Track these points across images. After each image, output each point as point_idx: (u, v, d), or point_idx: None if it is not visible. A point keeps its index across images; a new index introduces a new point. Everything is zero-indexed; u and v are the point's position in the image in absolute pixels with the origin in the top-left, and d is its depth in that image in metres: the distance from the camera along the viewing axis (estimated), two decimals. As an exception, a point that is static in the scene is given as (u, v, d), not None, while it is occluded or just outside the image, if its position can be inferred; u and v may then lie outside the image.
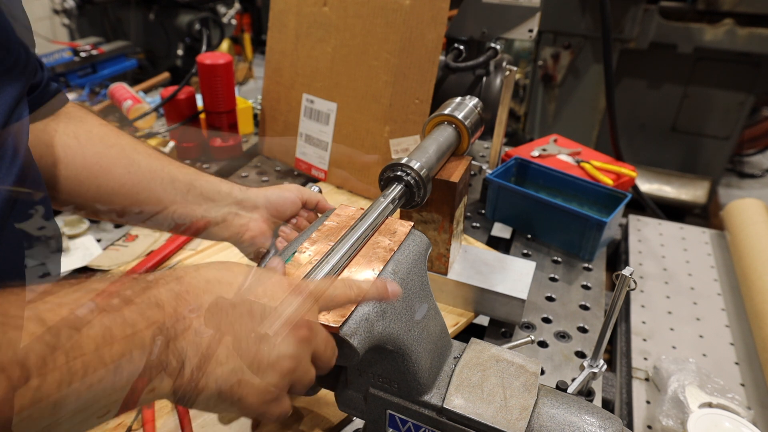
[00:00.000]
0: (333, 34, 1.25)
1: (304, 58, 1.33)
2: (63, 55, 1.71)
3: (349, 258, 0.56)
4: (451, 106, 0.83)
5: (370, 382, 0.57)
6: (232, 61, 1.38)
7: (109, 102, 1.69)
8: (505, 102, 1.19)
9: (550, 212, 1.12)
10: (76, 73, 1.77)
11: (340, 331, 0.48)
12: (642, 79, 2.12)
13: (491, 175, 1.21)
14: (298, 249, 0.59)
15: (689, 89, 2.04)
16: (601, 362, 0.73)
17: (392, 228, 0.62)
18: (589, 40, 1.98)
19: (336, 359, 0.50)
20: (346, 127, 1.29)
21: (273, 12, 1.39)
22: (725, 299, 1.07)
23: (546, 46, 2.07)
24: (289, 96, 1.40)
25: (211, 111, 1.43)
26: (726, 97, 2.00)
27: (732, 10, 1.81)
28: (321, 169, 1.37)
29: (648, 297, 1.07)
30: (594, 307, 0.99)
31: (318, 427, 0.74)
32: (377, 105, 1.21)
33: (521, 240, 1.18)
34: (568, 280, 1.06)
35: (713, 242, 1.26)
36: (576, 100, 2.10)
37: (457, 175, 0.82)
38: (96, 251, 1.08)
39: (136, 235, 1.12)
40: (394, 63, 1.16)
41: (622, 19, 1.87)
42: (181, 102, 1.41)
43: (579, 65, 2.04)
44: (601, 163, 1.30)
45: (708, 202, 2.27)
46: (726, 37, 1.83)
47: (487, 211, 1.25)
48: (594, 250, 1.10)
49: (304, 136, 1.39)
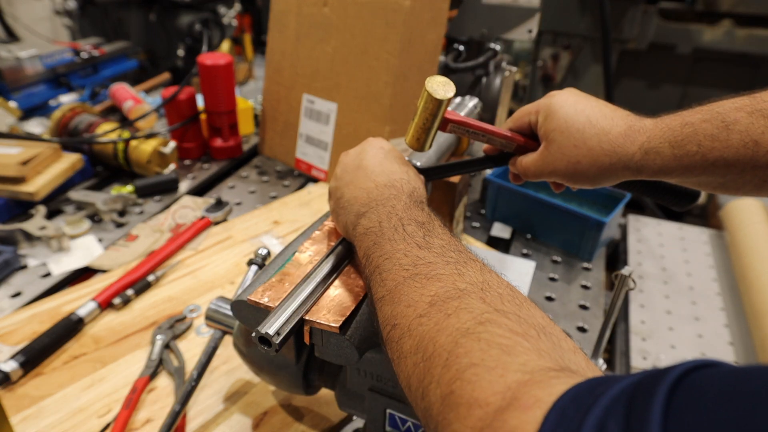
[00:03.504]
0: (333, 34, 1.26)
1: (304, 58, 1.33)
2: (64, 56, 1.71)
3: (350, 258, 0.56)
4: (451, 106, 0.83)
5: (370, 381, 0.57)
6: (232, 61, 1.38)
7: (111, 102, 1.69)
8: (504, 102, 1.19)
9: (549, 212, 1.13)
10: (78, 74, 1.77)
11: (339, 331, 0.49)
12: (641, 79, 2.12)
13: (491, 175, 1.21)
14: (299, 249, 0.59)
15: (688, 90, 2.04)
16: (600, 362, 0.73)
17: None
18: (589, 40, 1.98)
19: (336, 359, 0.50)
20: (346, 127, 1.29)
21: (273, 13, 1.39)
22: (724, 299, 1.08)
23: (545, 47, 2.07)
24: (290, 96, 1.40)
25: (211, 111, 1.43)
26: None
27: (730, 11, 1.82)
28: (321, 169, 1.37)
29: (647, 297, 1.07)
30: (593, 307, 0.99)
31: (318, 426, 0.74)
32: (377, 105, 1.22)
33: (521, 240, 1.19)
34: (568, 279, 1.06)
35: (712, 242, 1.26)
36: (575, 100, 2.11)
37: (457, 175, 0.83)
38: (97, 251, 1.08)
39: (137, 235, 1.12)
40: (394, 63, 1.16)
41: (622, 20, 1.87)
42: (181, 102, 1.41)
43: (578, 66, 2.04)
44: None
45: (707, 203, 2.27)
46: (725, 38, 1.83)
47: (486, 211, 1.26)
48: (593, 249, 1.10)
49: (305, 136, 1.39)
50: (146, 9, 2.02)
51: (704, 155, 0.48)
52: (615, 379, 0.27)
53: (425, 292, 0.40)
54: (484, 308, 0.36)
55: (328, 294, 0.53)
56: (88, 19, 2.15)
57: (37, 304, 0.93)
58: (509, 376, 0.31)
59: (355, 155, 0.58)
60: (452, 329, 0.36)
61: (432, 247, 0.44)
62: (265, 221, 1.20)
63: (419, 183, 0.56)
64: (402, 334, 0.39)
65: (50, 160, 1.22)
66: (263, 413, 0.75)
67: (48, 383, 0.78)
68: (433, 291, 0.40)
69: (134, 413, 0.73)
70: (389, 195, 0.51)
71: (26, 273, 1.01)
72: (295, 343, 0.59)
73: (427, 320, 0.38)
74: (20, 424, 0.72)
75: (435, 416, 0.34)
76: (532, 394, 0.29)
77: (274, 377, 0.65)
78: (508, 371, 0.31)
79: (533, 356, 0.32)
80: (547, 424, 0.27)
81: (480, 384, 0.32)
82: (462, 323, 0.36)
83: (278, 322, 0.46)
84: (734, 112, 0.48)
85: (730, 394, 0.22)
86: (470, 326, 0.35)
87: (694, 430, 0.21)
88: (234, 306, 0.56)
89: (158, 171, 1.35)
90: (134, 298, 0.95)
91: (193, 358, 0.82)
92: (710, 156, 0.48)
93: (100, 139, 1.31)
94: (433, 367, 0.35)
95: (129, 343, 0.86)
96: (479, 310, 0.36)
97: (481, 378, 0.32)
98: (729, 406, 0.21)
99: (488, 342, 0.33)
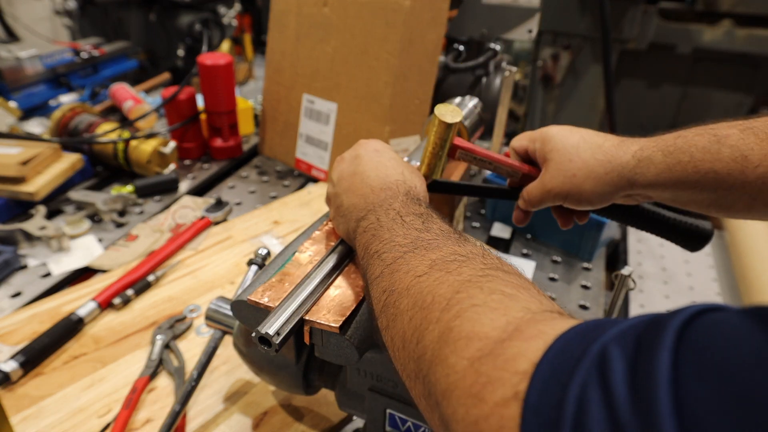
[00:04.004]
0: (333, 34, 1.26)
1: (304, 58, 1.33)
2: (64, 56, 1.71)
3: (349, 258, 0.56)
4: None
5: (370, 381, 0.57)
6: (232, 61, 1.38)
7: (111, 102, 1.69)
8: (504, 102, 1.19)
9: (549, 212, 1.12)
10: (78, 74, 1.78)
11: (339, 331, 0.49)
12: (641, 79, 2.12)
13: (491, 176, 1.21)
14: (299, 249, 0.59)
15: (688, 90, 2.04)
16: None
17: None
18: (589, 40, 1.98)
19: (336, 359, 0.50)
20: (346, 127, 1.29)
21: (273, 13, 1.39)
22: (724, 299, 1.08)
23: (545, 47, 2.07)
24: (290, 96, 1.40)
25: (211, 111, 1.43)
26: (725, 98, 2.00)
27: (730, 11, 1.81)
28: (321, 169, 1.37)
29: (647, 297, 1.07)
30: (593, 307, 0.99)
31: (318, 426, 0.74)
32: (377, 105, 1.22)
33: (521, 240, 1.19)
34: (568, 279, 1.06)
35: (712, 242, 1.26)
36: (575, 100, 2.11)
37: (456, 175, 0.83)
38: (97, 251, 1.08)
39: (137, 235, 1.12)
40: (394, 63, 1.16)
41: (622, 20, 1.87)
42: (181, 102, 1.41)
43: (578, 66, 2.04)
44: (601, 164, 1.30)
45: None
46: (725, 38, 1.83)
47: (486, 211, 1.26)
48: (593, 249, 1.10)
49: (305, 136, 1.39)
50: (146, 9, 2.02)
51: (696, 166, 0.50)
52: (626, 319, 0.27)
53: (424, 260, 0.39)
54: (486, 265, 0.37)
55: (328, 294, 0.53)
56: (88, 19, 2.15)
57: (37, 304, 0.93)
58: (512, 314, 0.31)
59: (350, 160, 0.58)
60: (453, 281, 0.35)
61: (431, 230, 0.44)
62: (265, 221, 1.20)
63: (417, 181, 0.56)
64: (399, 296, 0.39)
65: (50, 160, 1.22)
66: (263, 413, 0.75)
67: (48, 383, 0.78)
68: (433, 257, 0.39)
69: (134, 413, 0.73)
70: (385, 197, 0.51)
71: (26, 273, 1.01)
72: (295, 343, 0.59)
73: (426, 278, 0.37)
74: (20, 424, 0.72)
75: (428, 360, 0.33)
76: (535, 328, 0.29)
77: (274, 377, 0.65)
78: (511, 310, 0.31)
79: (535, 302, 0.32)
80: (550, 352, 0.26)
81: (481, 320, 0.31)
82: (463, 276, 0.35)
83: (278, 322, 0.46)
84: (727, 128, 0.50)
85: (740, 340, 0.21)
86: (472, 277, 0.35)
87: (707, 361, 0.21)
88: (234, 306, 0.56)
89: (158, 171, 1.35)
90: (134, 298, 0.95)
91: (193, 358, 0.82)
92: (701, 167, 0.50)
93: (100, 139, 1.31)
94: (432, 312, 0.34)
95: (129, 343, 0.86)
96: (481, 266, 0.36)
97: (482, 316, 0.31)
98: (741, 351, 0.20)
99: (491, 289, 0.33)
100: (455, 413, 0.29)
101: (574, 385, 0.24)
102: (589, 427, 0.22)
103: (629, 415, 0.21)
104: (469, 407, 0.28)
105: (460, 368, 0.29)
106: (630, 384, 0.22)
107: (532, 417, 0.25)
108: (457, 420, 0.29)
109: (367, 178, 0.54)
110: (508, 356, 0.28)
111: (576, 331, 0.27)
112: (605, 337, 0.25)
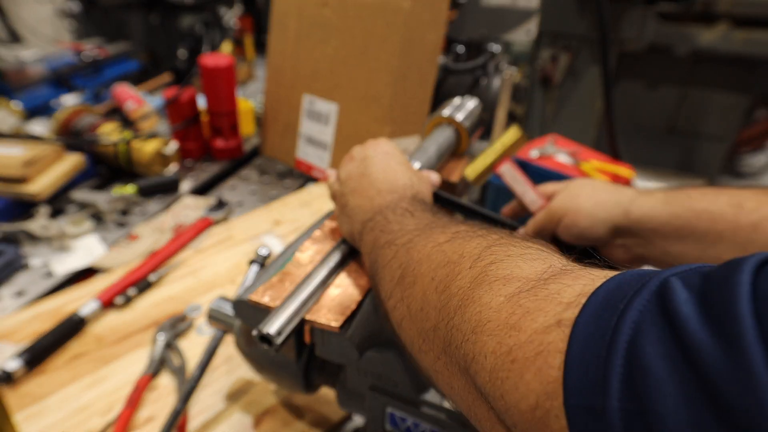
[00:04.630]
0: (333, 35, 1.26)
1: (304, 59, 1.34)
2: (67, 57, 1.72)
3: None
4: (450, 106, 0.84)
5: (371, 380, 0.58)
6: (233, 62, 1.39)
7: (113, 103, 1.70)
8: (503, 103, 1.20)
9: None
10: (80, 75, 1.78)
11: (340, 330, 0.49)
12: (640, 80, 2.12)
13: (494, 178, 1.22)
14: (299, 248, 0.60)
15: (686, 91, 2.05)
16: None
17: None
18: (588, 42, 1.98)
19: (337, 358, 0.51)
20: (346, 127, 1.30)
21: (274, 13, 1.40)
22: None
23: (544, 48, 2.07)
24: (290, 97, 1.41)
25: (212, 112, 1.44)
26: (723, 99, 2.00)
27: (728, 12, 1.82)
28: (321, 169, 1.38)
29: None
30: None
31: (318, 424, 0.75)
32: (377, 106, 1.22)
33: (520, 240, 1.19)
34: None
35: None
36: (574, 101, 2.11)
37: (456, 175, 0.83)
38: (99, 251, 1.09)
39: (138, 234, 1.13)
40: (394, 64, 1.17)
41: (620, 22, 1.88)
42: (183, 103, 1.42)
43: (577, 67, 2.04)
44: (600, 164, 1.31)
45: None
46: (722, 40, 1.84)
47: (486, 211, 1.26)
48: (592, 250, 1.11)
49: (305, 136, 1.40)
50: (148, 11, 2.03)
51: (692, 204, 0.53)
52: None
53: (445, 232, 0.38)
54: (513, 235, 0.36)
55: (328, 293, 0.53)
56: (90, 21, 2.16)
57: (39, 303, 0.93)
58: (552, 262, 0.29)
59: (359, 161, 0.58)
60: (480, 241, 0.34)
61: (443, 218, 0.44)
62: (265, 221, 1.21)
63: (423, 186, 0.56)
64: (418, 264, 0.37)
65: (53, 160, 1.23)
66: (264, 412, 0.76)
67: (50, 382, 0.79)
68: (453, 230, 0.38)
69: (136, 412, 0.74)
70: (392, 199, 0.51)
71: (29, 273, 1.02)
72: (295, 342, 0.59)
73: (450, 244, 0.36)
74: (23, 422, 0.72)
75: (454, 305, 0.30)
76: (584, 270, 0.27)
77: (274, 376, 0.65)
78: (550, 260, 0.29)
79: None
80: (603, 286, 0.24)
81: (519, 265, 0.29)
82: (491, 239, 0.34)
83: (279, 321, 0.47)
84: (726, 186, 0.57)
85: None
86: (501, 238, 0.34)
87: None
88: (235, 305, 0.56)
89: (160, 171, 1.35)
90: (136, 297, 0.95)
91: (194, 357, 0.83)
92: (697, 206, 0.53)
93: (102, 139, 1.32)
94: (460, 265, 0.32)
95: (131, 342, 0.87)
96: (507, 233, 0.36)
97: (521, 262, 0.29)
98: None
99: (525, 245, 0.32)
100: (485, 346, 0.27)
101: (633, 311, 0.22)
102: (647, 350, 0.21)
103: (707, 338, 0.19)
104: (502, 337, 0.26)
105: (495, 304, 0.28)
106: (699, 310, 0.21)
107: (581, 341, 0.23)
108: (486, 353, 0.27)
109: (375, 180, 0.54)
110: (552, 290, 0.26)
111: (631, 272, 0.25)
112: (664, 274, 0.24)
